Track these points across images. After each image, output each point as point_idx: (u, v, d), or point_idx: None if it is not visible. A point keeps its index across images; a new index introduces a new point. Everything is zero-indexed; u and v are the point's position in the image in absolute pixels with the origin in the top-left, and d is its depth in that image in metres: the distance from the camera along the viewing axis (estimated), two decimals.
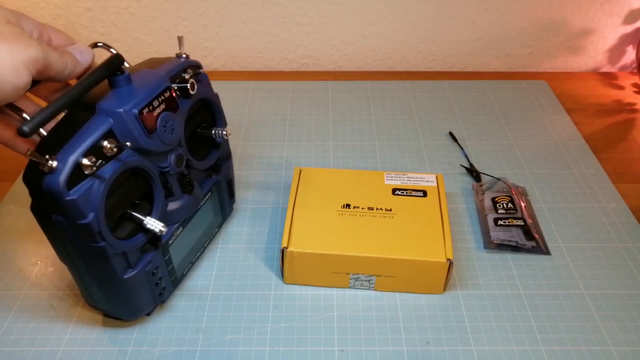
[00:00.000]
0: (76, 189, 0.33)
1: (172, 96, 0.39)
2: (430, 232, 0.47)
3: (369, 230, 0.48)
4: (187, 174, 0.43)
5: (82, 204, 0.34)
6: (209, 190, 0.48)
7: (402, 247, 0.46)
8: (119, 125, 0.35)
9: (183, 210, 0.44)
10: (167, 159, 0.40)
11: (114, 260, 0.38)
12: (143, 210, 0.39)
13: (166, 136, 0.39)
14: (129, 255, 0.39)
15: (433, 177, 0.54)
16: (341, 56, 0.83)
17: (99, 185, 0.34)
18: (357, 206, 0.50)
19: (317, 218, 0.49)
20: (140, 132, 0.36)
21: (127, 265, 0.39)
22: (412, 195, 0.51)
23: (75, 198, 0.33)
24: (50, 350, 0.43)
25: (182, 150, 0.42)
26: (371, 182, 0.53)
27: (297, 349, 0.44)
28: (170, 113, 0.39)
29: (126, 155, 0.36)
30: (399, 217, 0.49)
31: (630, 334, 0.45)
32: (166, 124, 0.38)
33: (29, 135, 0.31)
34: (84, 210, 0.34)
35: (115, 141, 0.35)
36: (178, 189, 0.43)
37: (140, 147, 0.37)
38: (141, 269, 0.40)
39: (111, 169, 0.35)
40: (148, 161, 0.38)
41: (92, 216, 0.34)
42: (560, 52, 0.83)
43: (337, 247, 0.46)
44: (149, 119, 0.37)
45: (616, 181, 0.61)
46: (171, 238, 0.43)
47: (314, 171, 0.54)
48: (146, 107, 0.37)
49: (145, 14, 0.76)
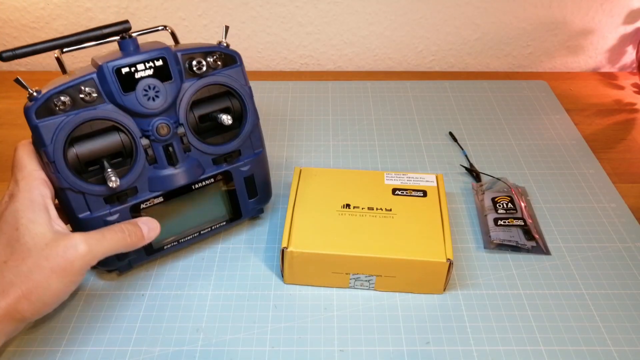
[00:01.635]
0: (44, 119, 0.39)
1: (165, 66, 0.41)
2: (430, 232, 0.47)
3: (369, 230, 0.47)
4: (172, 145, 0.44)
5: (45, 132, 0.39)
6: (212, 177, 0.47)
7: (402, 247, 0.46)
8: (101, 77, 0.40)
9: (164, 181, 0.45)
10: (150, 125, 0.42)
11: (70, 195, 0.41)
12: (121, 168, 0.43)
13: (145, 100, 0.41)
14: (89, 199, 0.42)
15: (433, 177, 0.54)
16: (341, 56, 0.83)
17: (66, 123, 0.39)
18: (357, 206, 0.50)
19: (317, 218, 0.49)
20: (117, 87, 0.40)
21: (86, 207, 0.42)
22: (412, 195, 0.51)
23: (38, 125, 0.38)
24: (50, 350, 0.43)
25: (172, 121, 0.43)
26: (371, 182, 0.53)
27: (297, 349, 0.44)
28: (157, 81, 0.41)
29: (103, 107, 0.40)
30: (399, 217, 0.49)
31: (630, 334, 0.45)
32: (148, 89, 0.41)
33: (6, 60, 0.38)
34: (45, 139, 0.39)
35: (94, 90, 0.40)
36: (163, 159, 0.44)
37: (115, 102, 0.41)
38: (99, 216, 0.43)
39: (82, 113, 0.40)
40: (129, 119, 0.42)
41: (50, 147, 0.39)
42: (560, 52, 0.83)
43: (337, 247, 0.46)
44: (127, 78, 0.40)
45: (616, 181, 0.61)
46: (145, 202, 0.45)
47: (313, 171, 0.54)
48: (128, 66, 0.40)
49: (145, 14, 0.76)
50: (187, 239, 0.49)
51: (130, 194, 0.44)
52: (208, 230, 0.50)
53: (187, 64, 0.43)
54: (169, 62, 0.41)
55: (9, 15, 0.76)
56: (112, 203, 0.43)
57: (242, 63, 0.47)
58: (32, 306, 0.37)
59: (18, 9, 0.76)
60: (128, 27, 0.41)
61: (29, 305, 0.36)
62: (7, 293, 0.36)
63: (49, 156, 0.39)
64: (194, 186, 0.46)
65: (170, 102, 0.42)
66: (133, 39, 0.41)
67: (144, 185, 0.44)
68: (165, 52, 0.41)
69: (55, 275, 0.37)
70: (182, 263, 0.51)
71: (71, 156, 0.40)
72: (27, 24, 0.77)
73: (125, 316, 0.46)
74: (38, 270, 0.36)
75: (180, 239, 0.49)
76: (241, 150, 0.48)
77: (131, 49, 0.41)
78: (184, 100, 0.44)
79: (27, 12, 0.76)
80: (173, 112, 0.43)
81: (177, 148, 0.44)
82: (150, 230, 0.42)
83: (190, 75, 0.44)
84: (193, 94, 0.44)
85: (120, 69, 0.40)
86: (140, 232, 0.41)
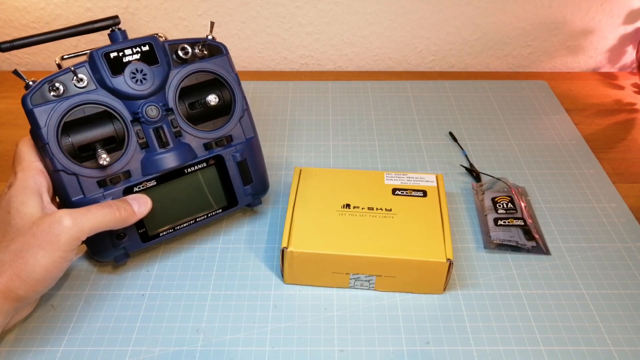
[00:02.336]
0: (39, 105, 0.41)
1: (151, 51, 0.44)
2: (430, 232, 0.47)
3: (369, 230, 0.48)
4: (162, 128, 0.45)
5: (39, 116, 0.41)
6: (204, 161, 0.48)
7: (402, 247, 0.46)
8: (92, 64, 0.43)
9: (156, 163, 0.46)
10: (140, 107, 0.44)
11: (65, 179, 0.43)
12: (114, 152, 0.44)
13: (133, 83, 0.44)
14: (82, 182, 0.43)
15: (433, 177, 0.53)
16: (341, 56, 0.83)
17: (59, 106, 0.42)
18: (357, 206, 0.50)
19: (317, 218, 0.49)
20: (106, 71, 0.43)
21: (81, 191, 0.43)
22: (412, 195, 0.51)
23: (33, 109, 0.41)
24: (50, 350, 0.43)
25: (161, 104, 0.45)
26: (371, 182, 0.53)
27: (297, 349, 0.44)
28: (144, 65, 0.44)
29: (95, 92, 0.43)
30: (399, 217, 0.49)
31: (630, 334, 0.45)
32: (136, 72, 0.44)
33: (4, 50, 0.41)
34: (39, 122, 0.41)
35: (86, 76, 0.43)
36: (154, 143, 0.45)
37: (106, 85, 0.43)
38: (92, 198, 0.44)
39: (74, 97, 0.42)
40: (119, 103, 0.44)
41: (45, 129, 0.41)
42: (560, 52, 0.83)
43: (337, 247, 0.46)
44: (116, 62, 0.43)
45: (616, 181, 0.61)
46: (138, 186, 0.46)
47: (313, 171, 0.54)
48: (116, 51, 0.43)
49: (145, 14, 0.76)
50: (183, 226, 0.49)
51: (123, 177, 0.45)
52: (204, 217, 0.50)
53: (174, 53, 0.46)
54: (156, 48, 0.45)
55: (9, 15, 0.76)
56: (105, 186, 0.44)
57: (228, 53, 0.49)
58: (23, 283, 0.38)
59: (18, 9, 0.76)
60: (117, 21, 0.45)
61: (20, 282, 0.37)
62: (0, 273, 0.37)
63: (43, 138, 0.41)
64: (186, 170, 0.47)
65: (158, 85, 0.45)
66: (122, 31, 0.45)
67: (137, 169, 0.45)
68: (151, 39, 0.45)
69: (44, 251, 0.38)
70: (183, 263, 0.51)
71: (65, 142, 0.42)
72: (27, 24, 0.77)
73: (125, 316, 0.46)
74: (26, 248, 0.38)
75: (176, 226, 0.49)
76: (232, 136, 0.49)
77: (120, 40, 0.45)
78: (172, 85, 0.46)
79: (27, 12, 0.76)
80: (162, 96, 0.46)
81: (168, 131, 0.46)
82: (141, 205, 0.44)
83: (178, 63, 0.47)
84: (181, 79, 0.46)
85: (108, 54, 0.43)
86: (130, 208, 0.43)
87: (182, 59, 0.46)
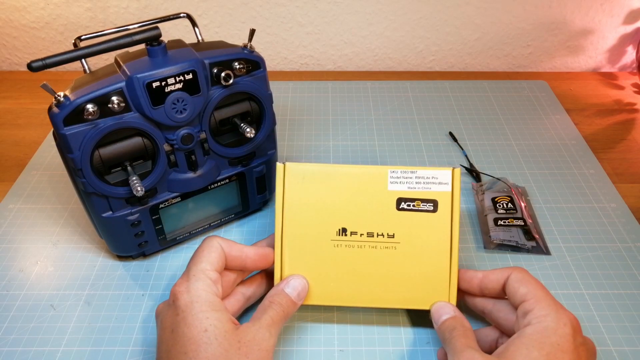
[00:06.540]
0: (72, 127, 0.39)
1: (194, 80, 0.41)
2: (436, 269, 0.43)
3: (368, 269, 0.43)
4: (194, 153, 0.45)
5: (72, 141, 0.39)
6: (227, 177, 0.49)
7: (403, 295, 0.44)
8: (130, 88, 0.40)
9: (183, 184, 0.46)
10: (175, 134, 0.43)
11: (94, 198, 0.43)
12: (143, 170, 0.44)
13: (173, 114, 0.42)
14: (111, 200, 0.44)
15: (447, 175, 0.43)
16: (341, 56, 0.83)
17: (93, 132, 0.39)
18: (355, 232, 0.44)
19: (309, 252, 0.44)
20: (146, 101, 0.40)
21: (109, 208, 0.44)
22: (420, 209, 0.43)
23: (66, 134, 0.39)
24: (50, 350, 0.43)
25: (196, 130, 0.44)
26: (372, 188, 0.44)
27: (297, 349, 0.44)
28: (186, 94, 0.41)
29: (130, 117, 0.40)
30: (402, 247, 0.43)
31: (630, 334, 0.45)
32: (177, 102, 0.41)
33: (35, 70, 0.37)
34: (72, 147, 0.39)
35: (122, 100, 0.39)
36: (184, 164, 0.45)
37: (144, 113, 0.41)
38: (120, 216, 0.45)
39: (110, 123, 0.40)
40: (154, 129, 0.42)
41: (78, 154, 0.39)
42: (560, 52, 0.83)
43: (332, 297, 0.44)
44: (158, 92, 0.40)
45: (616, 181, 0.61)
46: (163, 203, 0.47)
47: (302, 171, 0.44)
48: (159, 81, 0.40)
49: (145, 14, 0.76)
50: (198, 230, 0.51)
51: (150, 195, 0.45)
52: (218, 222, 0.52)
53: (214, 74, 0.43)
54: (199, 76, 0.41)
55: (9, 15, 0.76)
56: (133, 204, 0.45)
57: (265, 68, 0.47)
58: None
59: (18, 9, 0.76)
60: (158, 34, 0.40)
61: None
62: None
63: (77, 163, 0.40)
64: (210, 187, 0.48)
65: (196, 114, 0.43)
66: (162, 45, 0.41)
67: (163, 186, 0.46)
68: (195, 64, 0.41)
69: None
70: (183, 263, 0.51)
71: (95, 158, 0.41)
72: (27, 24, 0.77)
73: (125, 316, 0.46)
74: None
75: (192, 230, 0.51)
76: (256, 152, 0.50)
77: (160, 57, 0.41)
78: (208, 108, 0.44)
79: (27, 12, 0.76)
80: (197, 121, 0.44)
81: (199, 154, 0.46)
82: (301, 293, 0.42)
83: (216, 83, 0.44)
84: (218, 101, 0.44)
85: (151, 84, 0.39)
86: (292, 301, 0.41)
87: (222, 83, 0.43)
